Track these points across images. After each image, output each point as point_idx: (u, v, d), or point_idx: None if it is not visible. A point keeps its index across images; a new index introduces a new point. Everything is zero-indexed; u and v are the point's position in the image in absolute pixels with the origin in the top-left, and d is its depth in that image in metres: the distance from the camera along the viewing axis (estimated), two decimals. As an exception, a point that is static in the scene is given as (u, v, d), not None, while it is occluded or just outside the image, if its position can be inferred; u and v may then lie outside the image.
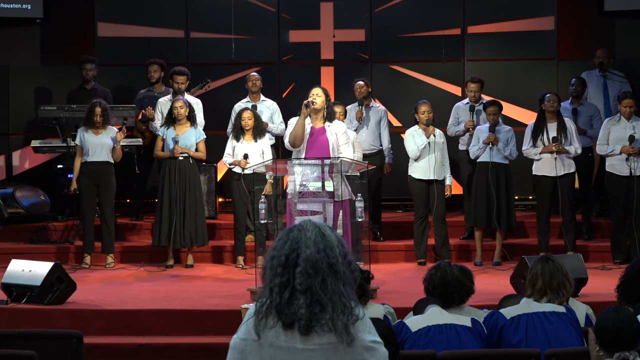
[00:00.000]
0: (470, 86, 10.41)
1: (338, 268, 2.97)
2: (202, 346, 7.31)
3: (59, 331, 6.44)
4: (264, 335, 2.96)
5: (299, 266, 2.95)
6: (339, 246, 3.01)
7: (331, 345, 2.95)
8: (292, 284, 2.95)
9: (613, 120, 9.68)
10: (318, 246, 2.98)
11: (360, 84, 10.53)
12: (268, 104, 10.64)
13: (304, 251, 2.96)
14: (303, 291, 2.94)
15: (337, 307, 2.93)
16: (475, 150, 9.78)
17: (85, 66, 11.02)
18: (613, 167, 9.62)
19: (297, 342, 2.95)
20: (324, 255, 2.97)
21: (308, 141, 8.30)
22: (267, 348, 2.96)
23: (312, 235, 2.99)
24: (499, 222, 9.62)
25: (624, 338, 3.93)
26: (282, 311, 2.94)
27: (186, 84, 10.51)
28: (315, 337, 2.94)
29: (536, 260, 5.43)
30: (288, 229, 3.05)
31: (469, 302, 5.42)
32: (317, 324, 2.93)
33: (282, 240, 3.02)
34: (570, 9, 12.03)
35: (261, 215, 8.33)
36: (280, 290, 2.95)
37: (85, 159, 9.72)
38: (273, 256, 3.00)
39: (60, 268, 8.01)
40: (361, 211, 8.02)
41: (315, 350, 2.95)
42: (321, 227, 3.03)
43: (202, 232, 9.75)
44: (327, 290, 2.94)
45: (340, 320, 2.93)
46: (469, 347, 5.04)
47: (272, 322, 2.95)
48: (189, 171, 9.76)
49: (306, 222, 3.04)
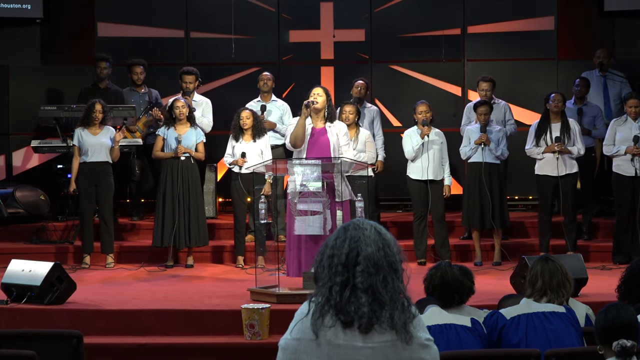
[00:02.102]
0: (482, 85, 10.41)
1: (397, 266, 2.98)
2: (202, 346, 7.31)
3: (59, 331, 6.44)
4: (322, 334, 2.93)
5: (360, 264, 2.93)
6: (395, 245, 3.01)
7: (390, 343, 2.94)
8: (352, 283, 2.93)
9: (620, 121, 9.67)
10: (378, 244, 2.97)
11: (362, 83, 10.55)
12: (279, 104, 10.65)
13: (365, 249, 2.95)
14: (364, 289, 2.92)
15: (397, 305, 2.94)
16: (467, 150, 9.78)
17: (100, 64, 10.98)
18: (619, 167, 9.61)
19: (356, 340, 2.93)
20: (384, 254, 2.96)
21: (309, 142, 8.30)
22: (325, 347, 2.94)
23: (371, 233, 2.98)
24: (493, 222, 9.63)
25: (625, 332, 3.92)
26: (341, 310, 2.92)
27: (195, 84, 10.53)
28: (374, 336, 2.93)
29: (536, 260, 5.43)
30: (343, 227, 3.02)
31: (469, 302, 5.42)
32: (377, 321, 2.92)
33: (340, 238, 2.99)
34: (570, 9, 12.03)
35: (261, 215, 8.33)
36: (341, 289, 2.93)
37: (83, 159, 9.72)
38: (332, 255, 2.97)
39: (60, 268, 8.01)
40: (361, 211, 8.02)
41: (375, 348, 2.93)
42: (376, 226, 3.02)
43: (203, 232, 9.76)
44: (388, 288, 2.94)
45: (400, 318, 2.93)
46: (469, 347, 5.04)
47: (331, 322, 2.93)
48: (190, 171, 9.76)
49: (362, 221, 3.02)
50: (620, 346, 3.84)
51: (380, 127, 10.59)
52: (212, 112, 10.58)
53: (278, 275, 8.09)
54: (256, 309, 7.23)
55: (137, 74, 10.98)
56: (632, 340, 3.91)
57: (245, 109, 9.90)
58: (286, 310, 6.96)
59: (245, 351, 7.21)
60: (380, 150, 10.51)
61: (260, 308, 7.24)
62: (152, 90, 11.02)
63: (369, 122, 10.49)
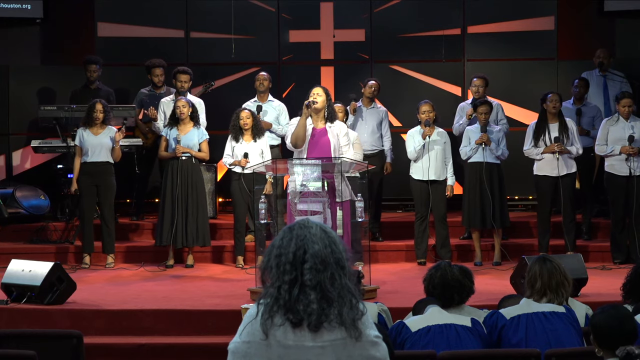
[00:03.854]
0: (475, 82, 10.42)
1: (344, 263, 2.99)
2: (202, 346, 7.31)
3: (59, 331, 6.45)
4: (271, 334, 2.95)
5: (307, 262, 2.95)
6: (341, 242, 3.03)
7: (340, 341, 2.95)
8: (300, 281, 2.94)
9: (612, 121, 9.68)
10: (324, 242, 2.99)
11: (375, 83, 10.58)
12: (275, 105, 10.64)
13: (312, 247, 2.97)
14: (313, 287, 2.94)
15: (345, 302, 2.95)
16: (467, 150, 9.78)
17: (89, 67, 11.00)
18: (612, 167, 9.62)
19: (306, 340, 2.94)
20: (331, 251, 2.98)
21: (310, 142, 8.30)
22: (275, 348, 2.95)
23: (317, 231, 3.00)
24: (493, 222, 9.63)
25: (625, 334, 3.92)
26: (291, 309, 2.93)
27: (189, 84, 10.52)
28: (324, 334, 2.94)
29: (534, 261, 5.43)
30: (288, 227, 3.04)
31: (469, 302, 5.42)
32: (326, 319, 2.93)
33: (286, 237, 3.00)
34: (570, 9, 12.03)
35: (261, 215, 8.33)
36: (290, 287, 2.94)
37: (85, 159, 9.72)
38: (279, 254, 2.98)
39: (60, 268, 8.01)
40: (361, 211, 8.02)
41: (325, 347, 2.95)
42: (321, 224, 3.04)
43: (203, 232, 9.75)
44: (335, 285, 2.95)
45: (349, 315, 2.94)
46: (469, 347, 5.04)
47: (280, 321, 2.94)
48: (191, 171, 9.76)
49: (306, 220, 3.05)
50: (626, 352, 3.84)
51: (388, 129, 10.60)
52: (205, 112, 10.54)
53: (278, 275, 8.07)
54: (256, 309, 7.22)
55: (158, 75, 10.96)
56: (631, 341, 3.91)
57: (243, 109, 9.90)
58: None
59: (245, 351, 7.20)
60: (389, 152, 10.52)
61: (260, 308, 7.23)
62: (170, 90, 10.97)
63: (377, 122, 10.50)
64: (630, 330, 3.97)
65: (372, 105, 10.57)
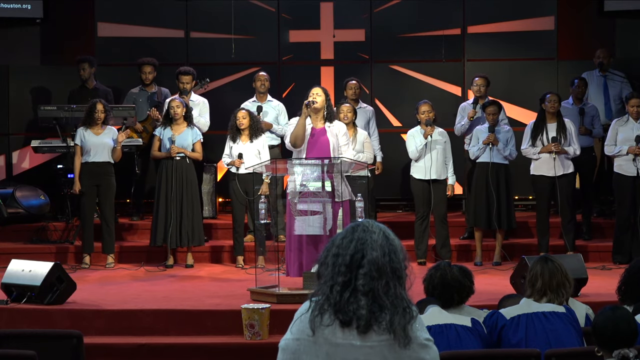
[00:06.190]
0: (476, 81, 10.42)
1: (401, 273, 2.96)
2: (202, 346, 7.31)
3: (59, 331, 6.44)
4: (319, 332, 2.92)
5: (363, 267, 2.91)
6: (402, 251, 2.99)
7: (389, 342, 2.92)
8: (353, 285, 2.91)
9: (621, 121, 9.67)
10: (384, 249, 2.94)
11: (355, 83, 10.54)
12: (274, 105, 10.63)
13: (370, 253, 2.93)
14: (365, 292, 2.90)
15: (398, 310, 2.91)
16: (475, 150, 9.79)
17: (81, 66, 11.02)
18: (621, 167, 9.61)
19: (354, 339, 2.91)
20: (389, 260, 2.94)
21: (309, 142, 8.30)
22: (323, 345, 2.92)
23: (379, 237, 2.96)
24: (499, 223, 9.63)
25: (620, 336, 3.93)
26: (340, 309, 2.90)
27: (192, 84, 10.54)
28: (372, 335, 2.91)
29: (535, 260, 5.43)
30: (351, 227, 3.00)
31: (469, 302, 5.42)
32: (375, 322, 2.90)
33: (347, 238, 2.96)
34: (570, 9, 12.03)
35: (261, 215, 8.33)
36: (342, 289, 2.91)
37: (85, 159, 9.72)
38: (337, 253, 2.95)
39: (60, 268, 8.01)
40: (361, 211, 8.02)
41: (374, 347, 2.91)
42: (385, 229, 3.00)
43: (198, 231, 9.75)
44: (389, 294, 2.92)
45: (400, 322, 2.91)
46: (469, 347, 5.04)
47: (329, 320, 2.91)
48: (185, 171, 9.76)
49: (371, 223, 3.00)
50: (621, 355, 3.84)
51: (375, 128, 10.59)
52: (209, 112, 10.57)
53: (278, 275, 8.09)
54: (256, 309, 7.23)
55: (146, 73, 10.99)
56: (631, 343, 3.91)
57: (241, 109, 9.90)
58: (286, 310, 6.96)
59: (245, 351, 7.21)
60: (378, 151, 10.51)
61: (260, 308, 7.24)
62: (161, 89, 10.99)
63: (364, 122, 10.47)
64: (627, 332, 3.96)
65: (358, 105, 10.52)
